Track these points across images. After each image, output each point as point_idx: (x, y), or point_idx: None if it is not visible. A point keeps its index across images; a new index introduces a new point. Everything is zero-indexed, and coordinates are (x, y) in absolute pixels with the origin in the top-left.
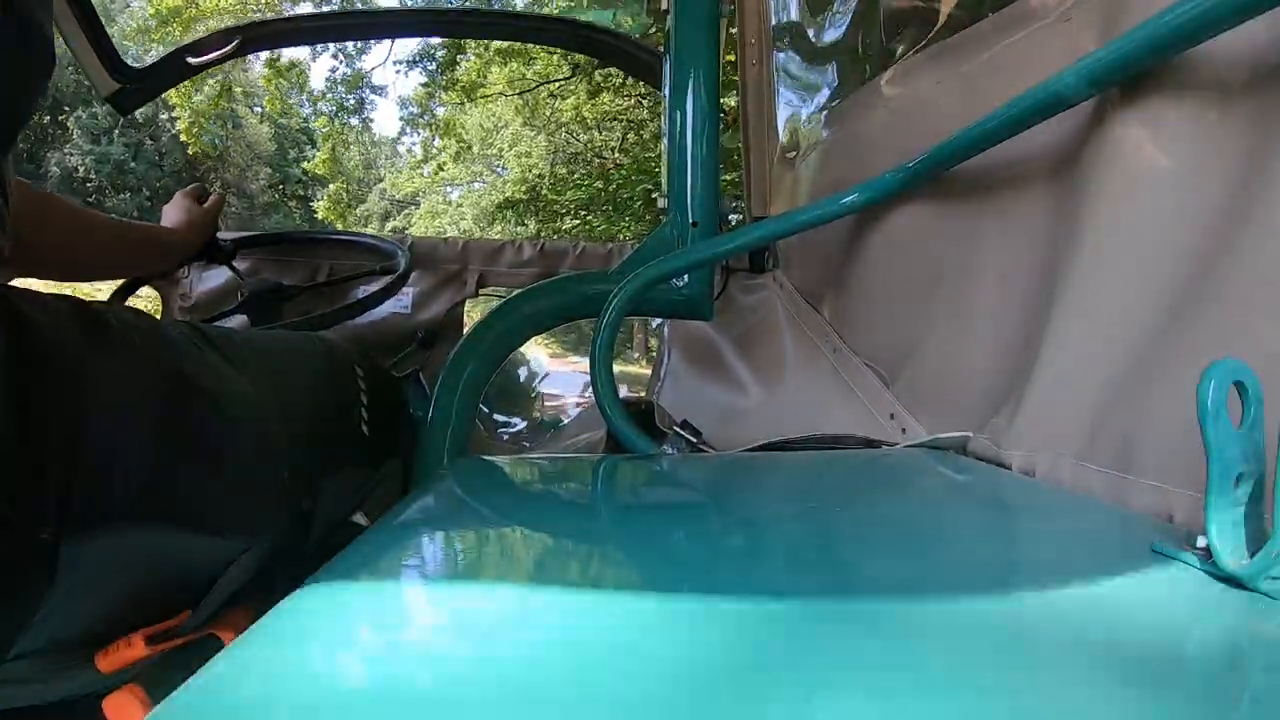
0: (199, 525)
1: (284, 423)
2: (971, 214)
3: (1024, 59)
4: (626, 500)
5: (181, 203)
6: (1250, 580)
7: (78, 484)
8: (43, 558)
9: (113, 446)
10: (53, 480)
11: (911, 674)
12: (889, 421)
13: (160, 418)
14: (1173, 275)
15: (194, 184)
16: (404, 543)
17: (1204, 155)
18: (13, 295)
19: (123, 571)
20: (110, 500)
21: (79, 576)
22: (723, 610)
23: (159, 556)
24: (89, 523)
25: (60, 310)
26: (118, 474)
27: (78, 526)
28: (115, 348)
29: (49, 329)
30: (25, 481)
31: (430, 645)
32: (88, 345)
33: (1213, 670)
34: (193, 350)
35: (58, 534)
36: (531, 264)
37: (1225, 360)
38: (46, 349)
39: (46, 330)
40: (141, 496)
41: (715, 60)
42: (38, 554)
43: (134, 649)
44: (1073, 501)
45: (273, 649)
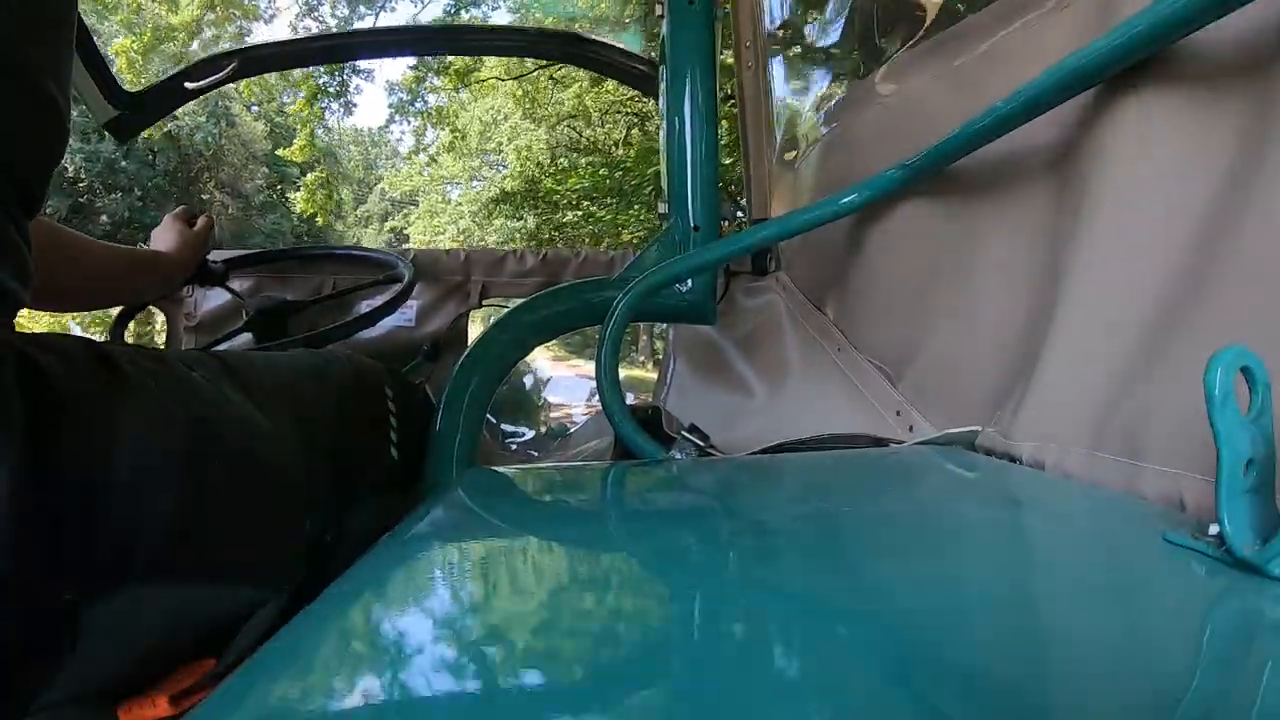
0: (221, 579)
1: (308, 458)
2: (972, 208)
3: (1020, 51)
4: (638, 507)
5: (172, 225)
6: (1263, 566)
7: (98, 543)
8: (64, 620)
9: (133, 504)
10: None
11: (932, 670)
12: (896, 419)
13: (180, 470)
14: (1175, 263)
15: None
16: (416, 557)
17: (1204, 143)
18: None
19: (144, 628)
20: (131, 559)
21: (101, 634)
22: (742, 614)
23: (181, 611)
24: (110, 582)
25: (75, 356)
26: (138, 531)
27: (99, 587)
28: (132, 396)
29: (64, 379)
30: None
31: (446, 661)
32: (105, 395)
33: (1229, 657)
34: (211, 390)
35: (79, 595)
36: (534, 273)
37: (1231, 347)
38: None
39: (62, 381)
40: (162, 553)
41: (711, 64)
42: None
43: (157, 709)
44: (1084, 492)
45: (287, 665)
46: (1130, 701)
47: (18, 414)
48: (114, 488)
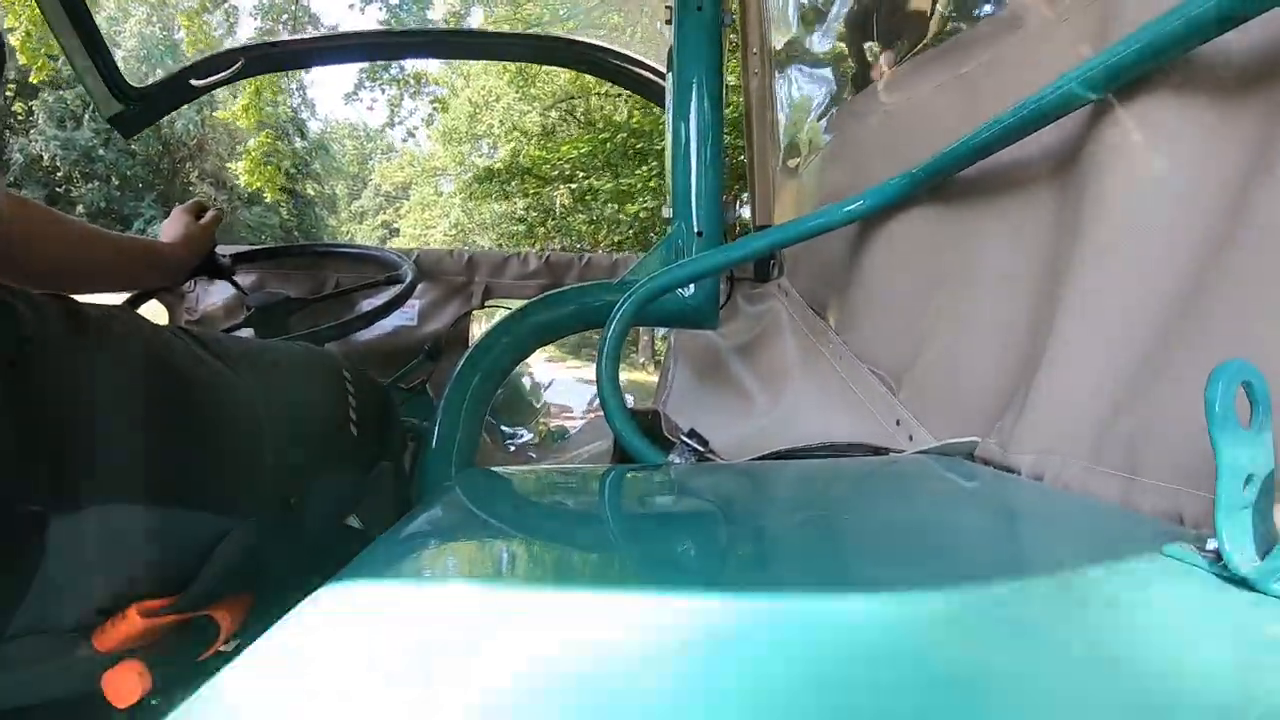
0: (184, 502)
1: (270, 413)
2: (975, 219)
3: (1021, 61)
4: (635, 511)
5: (180, 218)
6: (1261, 582)
7: (67, 460)
8: (34, 529)
9: (102, 425)
10: (43, 457)
11: (928, 680)
12: (896, 428)
13: (147, 398)
14: (1176, 277)
15: (192, 200)
16: (411, 555)
17: (1205, 157)
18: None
19: (111, 546)
20: (98, 475)
21: (69, 551)
22: (736, 621)
23: (147, 532)
24: (78, 496)
25: (43, 302)
26: (106, 451)
27: (67, 500)
28: (103, 336)
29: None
30: (16, 458)
31: (438, 658)
32: (76, 334)
33: (1225, 673)
34: (177, 343)
35: (48, 506)
36: (537, 275)
37: (1232, 362)
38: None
39: (31, 318)
40: (129, 472)
41: (718, 71)
42: (30, 525)
43: (129, 623)
44: (1082, 505)
45: (281, 661)
46: (1125, 715)
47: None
48: (81, 410)
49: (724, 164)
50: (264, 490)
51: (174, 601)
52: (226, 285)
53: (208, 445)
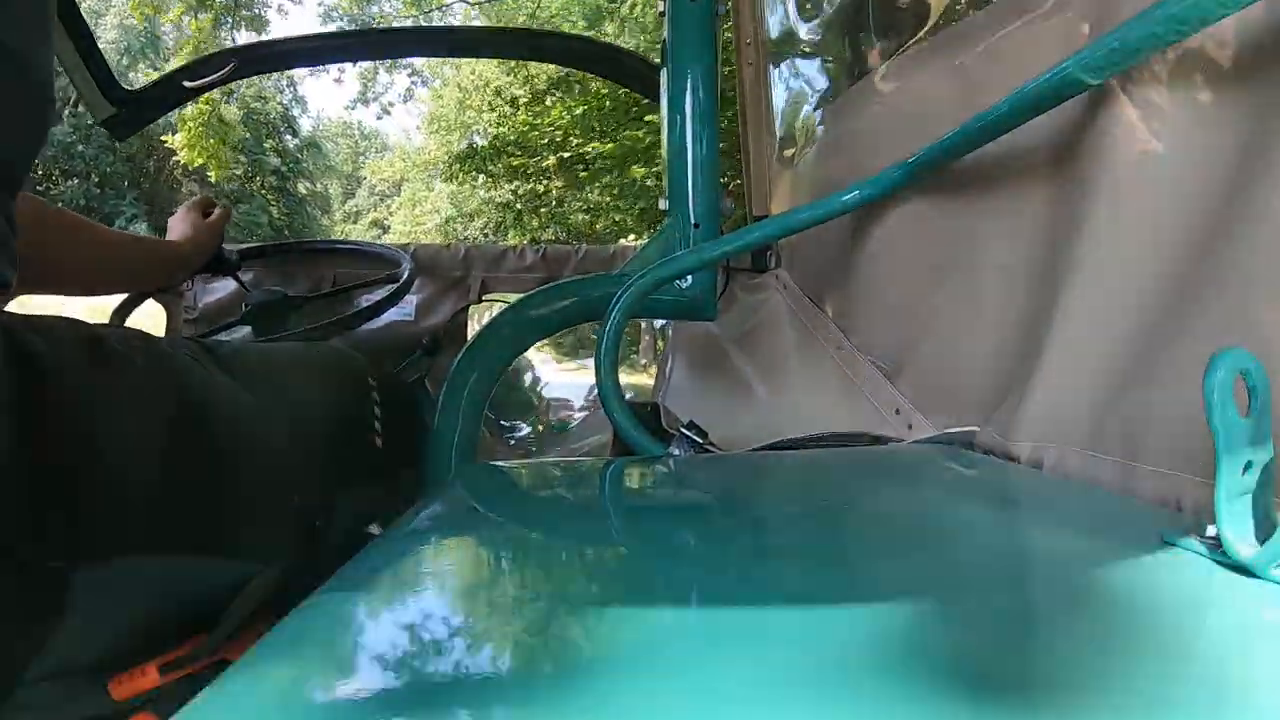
0: (209, 550)
1: (294, 440)
2: (973, 207)
3: (1020, 50)
4: (636, 503)
5: (187, 215)
6: (1259, 568)
7: (86, 512)
8: (53, 586)
9: (120, 474)
10: (61, 509)
11: (929, 668)
12: (895, 417)
13: (167, 442)
14: (1175, 263)
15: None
16: (413, 552)
17: (1204, 143)
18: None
19: (134, 598)
20: (119, 527)
21: (91, 604)
22: (739, 610)
23: (170, 582)
24: (99, 550)
25: (62, 336)
26: (126, 501)
27: (87, 554)
28: (119, 372)
29: (51, 357)
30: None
31: (442, 656)
32: (91, 371)
33: (1223, 658)
34: (198, 370)
35: (68, 563)
36: (534, 269)
37: (1231, 349)
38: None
39: (49, 359)
40: (151, 523)
41: (712, 62)
42: (48, 583)
43: (148, 678)
44: (1081, 492)
45: (282, 662)
46: (1124, 701)
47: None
48: (100, 460)
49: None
50: (288, 527)
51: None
52: (225, 282)
53: (234, 490)
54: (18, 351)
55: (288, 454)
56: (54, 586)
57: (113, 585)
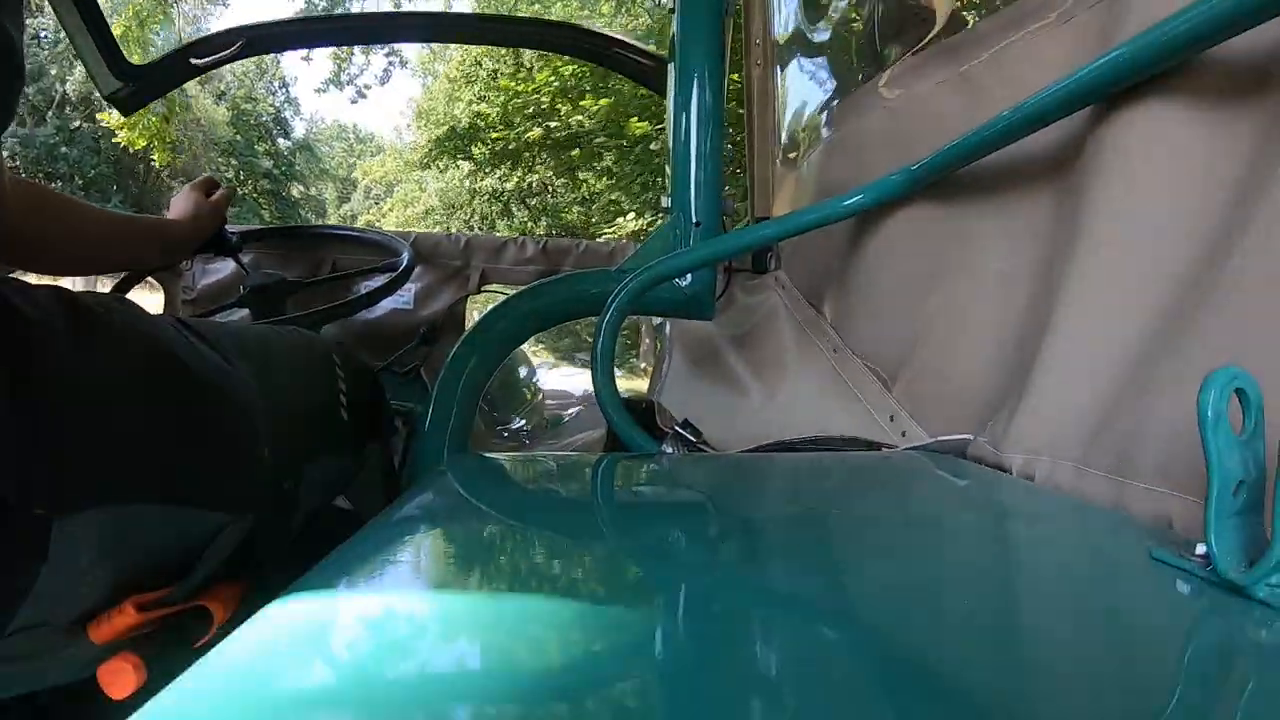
0: (185, 500)
1: (266, 404)
2: (973, 217)
3: (1024, 59)
4: (626, 499)
5: (190, 195)
6: (1249, 588)
7: (68, 462)
8: (37, 533)
9: (103, 426)
10: (45, 459)
11: (909, 678)
12: (889, 424)
13: (147, 396)
14: (1173, 280)
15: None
16: (401, 539)
17: (1204, 160)
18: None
19: (111, 546)
20: (100, 476)
21: (69, 552)
22: (723, 611)
23: (146, 531)
24: (80, 499)
25: (45, 298)
26: (107, 453)
27: (70, 502)
28: (101, 331)
29: (34, 315)
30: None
31: (426, 644)
32: (75, 331)
33: (1212, 678)
34: (175, 335)
35: (51, 510)
36: (534, 261)
37: (1226, 368)
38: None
39: (32, 316)
40: (130, 474)
41: (719, 61)
42: (33, 529)
43: (125, 616)
44: (1072, 506)
45: (267, 646)
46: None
47: None
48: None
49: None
50: (260, 481)
51: (169, 594)
52: (223, 265)
53: (208, 441)
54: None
55: (259, 416)
56: (37, 533)
57: (92, 532)
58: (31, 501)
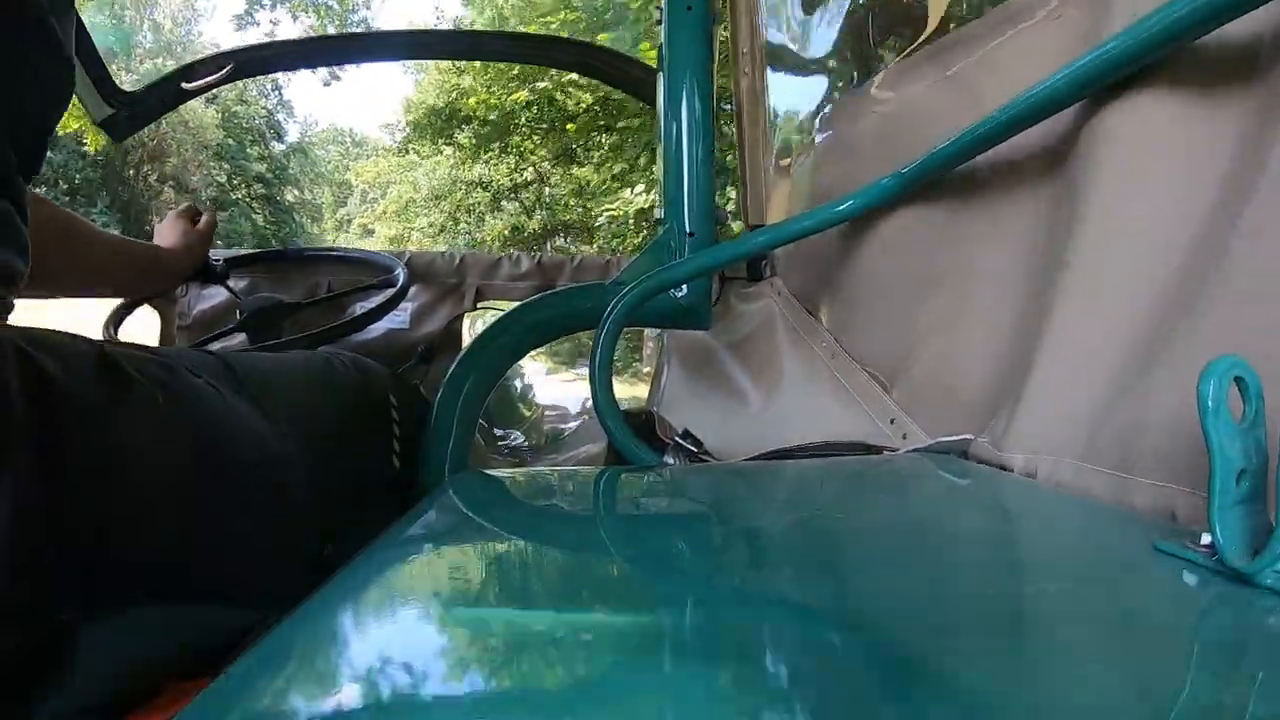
0: (217, 598)
1: (314, 475)
2: (967, 217)
3: (1014, 59)
4: (631, 512)
5: (176, 223)
6: (1255, 576)
7: (100, 562)
8: (61, 640)
9: (136, 520)
10: (75, 560)
11: (927, 678)
12: (889, 427)
13: (186, 488)
14: (1169, 273)
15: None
16: (405, 560)
17: (1198, 153)
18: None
19: (145, 647)
20: (131, 579)
21: (100, 654)
22: (733, 622)
23: (182, 630)
24: (111, 602)
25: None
26: (139, 551)
27: (98, 607)
28: (140, 405)
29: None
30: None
31: (436, 664)
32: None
33: (1222, 666)
34: (217, 400)
35: (78, 616)
36: (529, 277)
37: (1225, 357)
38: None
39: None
40: (162, 575)
41: (709, 70)
42: (56, 636)
43: None
44: (1075, 503)
45: (274, 670)
46: (1120, 711)
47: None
48: (117, 504)
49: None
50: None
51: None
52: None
53: (246, 534)
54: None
55: (307, 492)
56: (61, 640)
57: (124, 633)
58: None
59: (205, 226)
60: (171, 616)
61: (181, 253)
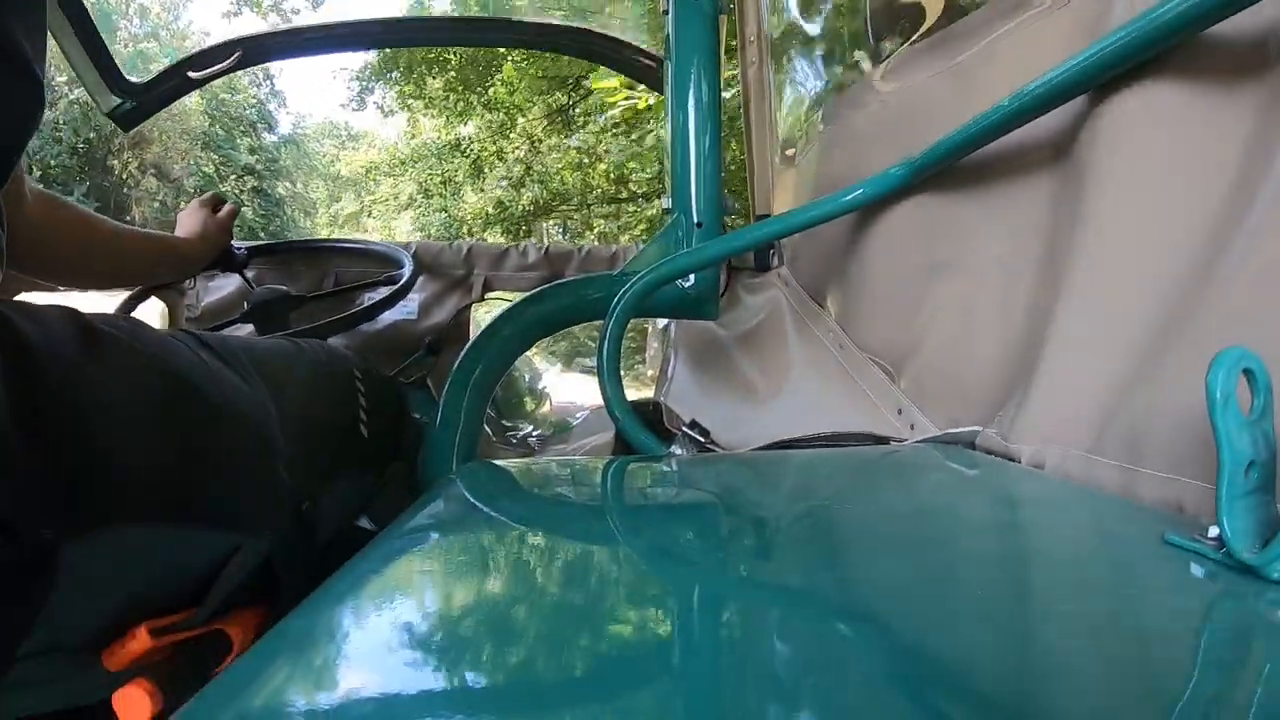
0: (198, 521)
1: (282, 423)
2: (975, 207)
3: (1020, 48)
4: (638, 502)
5: (198, 212)
6: (1263, 569)
7: (79, 485)
8: (45, 558)
9: (112, 447)
10: (55, 482)
11: (936, 667)
12: (897, 417)
13: (158, 417)
14: (1178, 264)
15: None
16: (414, 549)
17: (1206, 144)
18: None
19: (124, 568)
20: (111, 499)
21: (81, 575)
22: (742, 610)
23: (159, 552)
24: (90, 522)
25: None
26: (117, 474)
27: (79, 526)
28: (111, 353)
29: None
30: (28, 485)
31: (444, 654)
32: (84, 354)
33: (1229, 659)
34: (189, 354)
35: (60, 534)
36: (537, 267)
37: (1234, 349)
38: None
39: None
40: (141, 495)
41: (715, 60)
42: (40, 554)
43: (138, 642)
44: (1083, 494)
45: (284, 658)
46: (1128, 702)
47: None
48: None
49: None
50: (276, 502)
51: (185, 619)
52: (226, 281)
53: (221, 461)
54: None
55: (275, 436)
56: (45, 558)
57: (102, 556)
58: (40, 526)
59: (226, 216)
60: (150, 537)
61: (198, 241)
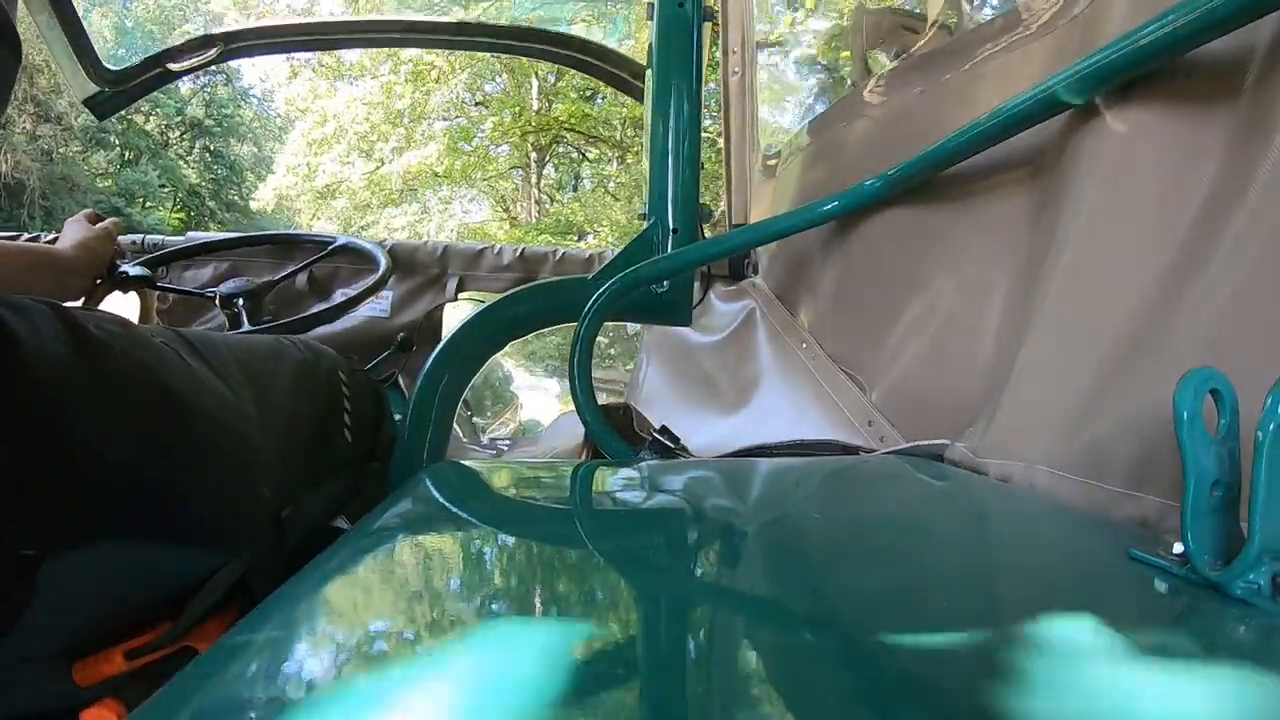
0: (179, 540)
1: (265, 433)
2: (950, 222)
3: (1006, 69)
4: (604, 506)
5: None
6: (1226, 585)
7: (62, 500)
8: (23, 573)
9: (96, 462)
10: (37, 496)
11: (894, 679)
12: (867, 429)
13: (143, 429)
14: (1149, 284)
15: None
16: (379, 549)
17: (1180, 167)
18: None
19: (102, 585)
20: (93, 515)
21: (59, 590)
22: (705, 617)
23: (138, 569)
24: (72, 538)
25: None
26: (101, 489)
27: (60, 542)
28: (99, 359)
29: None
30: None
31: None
32: (72, 358)
33: (1191, 674)
34: (176, 360)
35: (41, 550)
36: (511, 269)
37: (1201, 369)
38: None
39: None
40: (123, 512)
41: (697, 69)
42: (19, 570)
43: (112, 664)
44: (1049, 509)
45: (248, 655)
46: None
47: None
48: (78, 446)
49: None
50: (258, 519)
51: (159, 637)
52: (198, 273)
53: (207, 480)
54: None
55: (259, 447)
56: (23, 573)
57: (82, 571)
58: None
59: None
60: (130, 553)
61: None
